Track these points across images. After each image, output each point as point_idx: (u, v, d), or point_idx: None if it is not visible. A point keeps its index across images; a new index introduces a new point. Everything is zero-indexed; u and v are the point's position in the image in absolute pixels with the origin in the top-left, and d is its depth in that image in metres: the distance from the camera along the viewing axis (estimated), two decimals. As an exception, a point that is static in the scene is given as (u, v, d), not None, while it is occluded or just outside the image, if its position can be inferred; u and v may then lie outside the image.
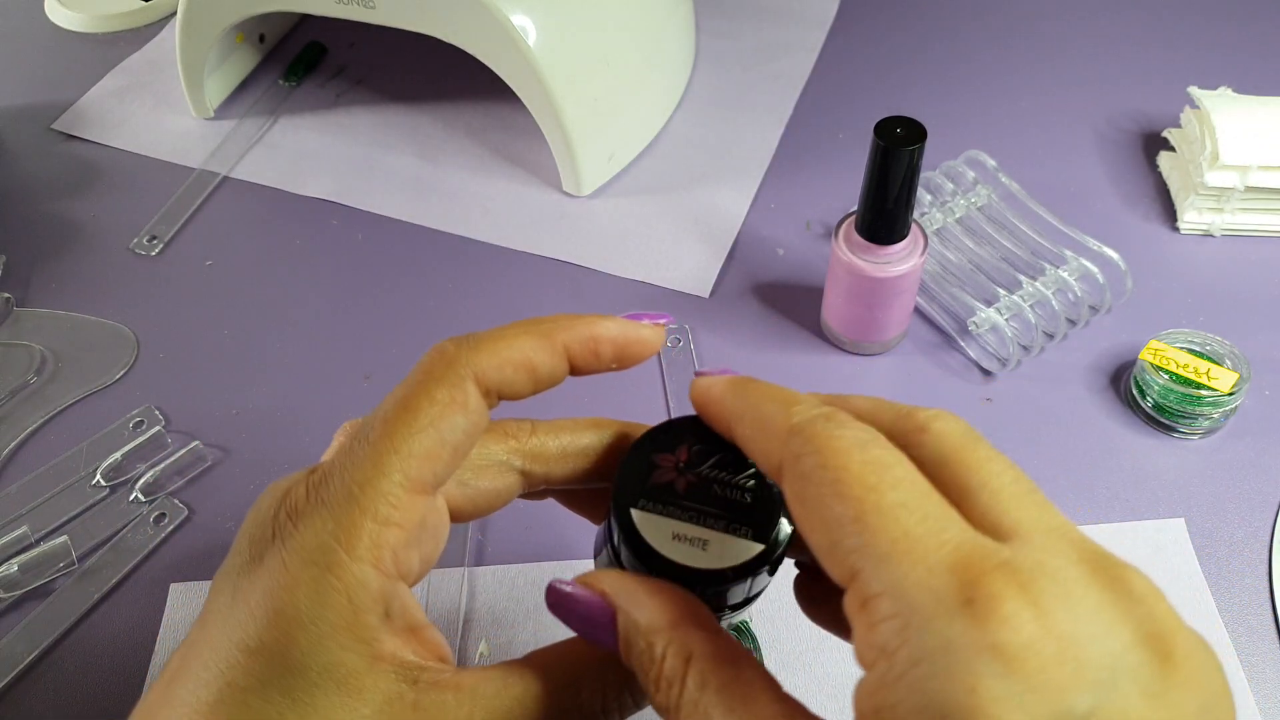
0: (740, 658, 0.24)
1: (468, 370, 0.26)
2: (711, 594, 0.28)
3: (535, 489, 0.30)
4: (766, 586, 0.29)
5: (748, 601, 0.30)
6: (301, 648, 0.23)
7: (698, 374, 0.29)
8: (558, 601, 0.26)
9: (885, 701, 0.19)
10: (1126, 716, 0.18)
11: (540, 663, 0.26)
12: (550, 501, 0.48)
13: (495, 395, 0.27)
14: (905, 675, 0.19)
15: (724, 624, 0.28)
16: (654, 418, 0.51)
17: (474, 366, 0.26)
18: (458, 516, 0.28)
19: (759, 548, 0.28)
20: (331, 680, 0.23)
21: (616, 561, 0.30)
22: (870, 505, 0.21)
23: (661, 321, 0.30)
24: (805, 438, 0.23)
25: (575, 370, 0.29)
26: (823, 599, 0.29)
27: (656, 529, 0.28)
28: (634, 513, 0.29)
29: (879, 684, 0.20)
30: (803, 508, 0.23)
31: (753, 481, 0.29)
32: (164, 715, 0.23)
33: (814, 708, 0.20)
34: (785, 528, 0.28)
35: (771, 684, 0.23)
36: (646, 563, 0.28)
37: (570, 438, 0.30)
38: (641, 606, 0.25)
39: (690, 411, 0.30)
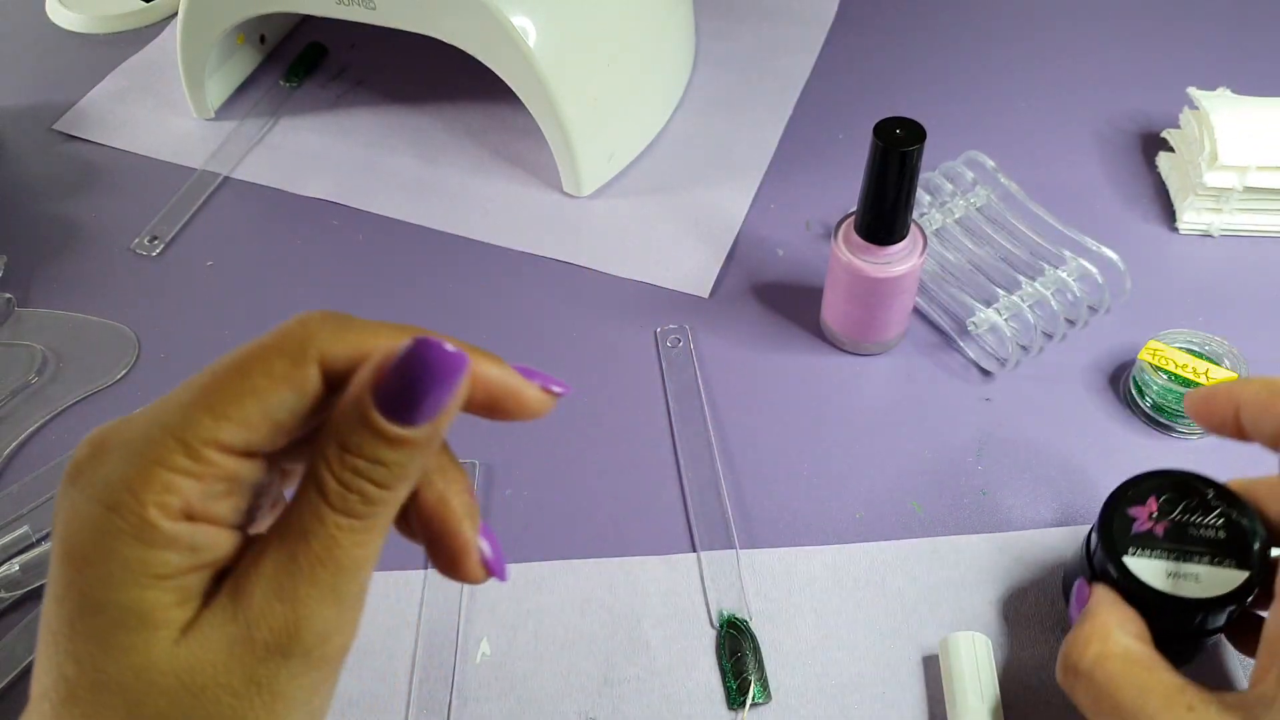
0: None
1: (316, 351, 0.24)
2: (1208, 619, 0.35)
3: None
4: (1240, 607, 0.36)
5: (1229, 622, 0.37)
6: (95, 587, 0.23)
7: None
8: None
9: None
10: None
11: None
12: (549, 501, 0.48)
13: (342, 382, 0.25)
14: None
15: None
16: (654, 418, 0.51)
17: (325, 350, 0.24)
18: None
19: (1245, 574, 0.35)
20: (132, 617, 0.23)
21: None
22: None
23: (557, 390, 0.29)
24: None
25: None
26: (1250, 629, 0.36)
27: (1151, 571, 0.35)
28: (1127, 560, 0.36)
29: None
30: None
31: (1222, 519, 0.36)
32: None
33: (814, 707, 0.21)
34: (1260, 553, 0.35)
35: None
36: (1152, 602, 0.35)
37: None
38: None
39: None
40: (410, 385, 0.24)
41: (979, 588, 0.44)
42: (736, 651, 0.42)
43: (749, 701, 0.40)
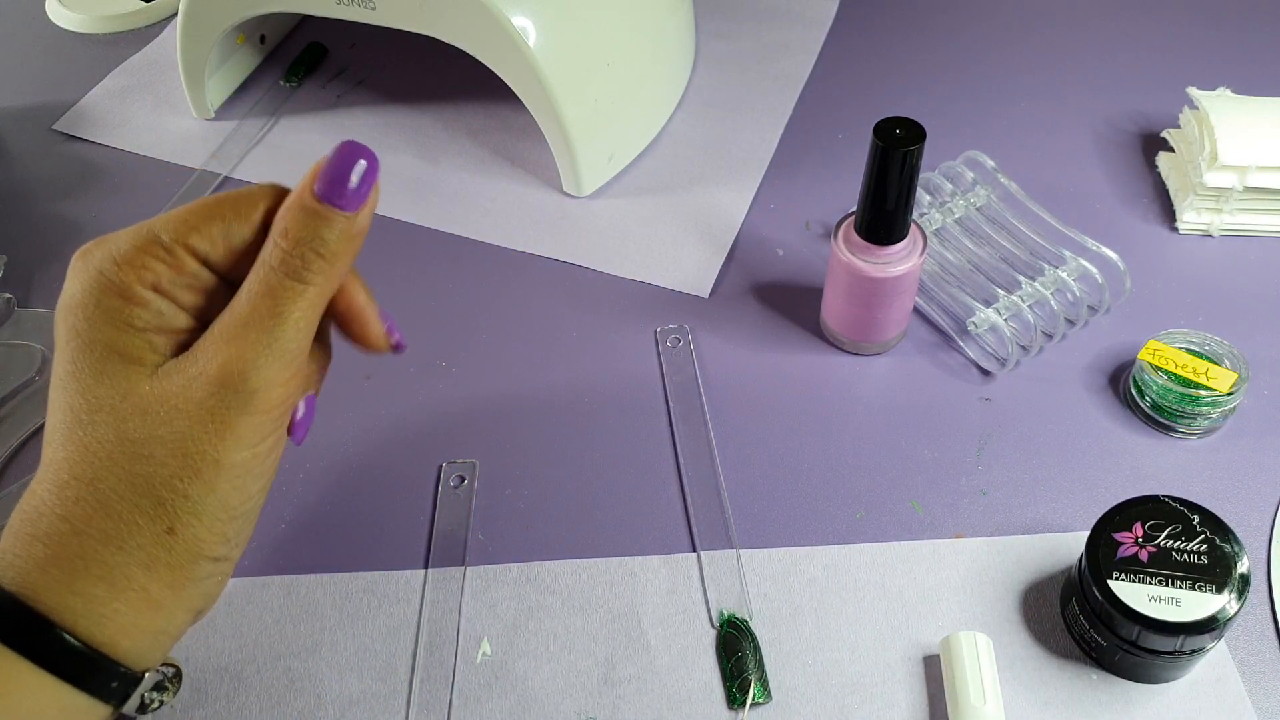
0: None
1: (264, 204, 0.33)
2: (1187, 641, 0.37)
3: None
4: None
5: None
6: (89, 329, 0.31)
7: None
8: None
9: None
10: None
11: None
12: (549, 502, 0.48)
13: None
14: None
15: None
16: (655, 418, 0.51)
17: (268, 205, 0.33)
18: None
19: (1224, 599, 0.38)
20: (115, 354, 0.31)
21: (1097, 621, 0.39)
22: None
23: (396, 338, 0.37)
24: None
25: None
26: None
27: (1133, 594, 0.38)
28: (1111, 583, 0.38)
29: None
30: None
31: (1205, 545, 0.39)
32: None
33: (814, 707, 0.21)
34: (1244, 575, 0.38)
35: None
36: (1134, 624, 0.37)
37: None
38: None
39: None
40: (341, 175, 0.32)
41: (979, 588, 0.44)
42: (736, 651, 0.42)
43: (749, 701, 0.40)
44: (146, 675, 0.34)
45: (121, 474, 0.32)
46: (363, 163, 0.32)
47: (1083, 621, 0.40)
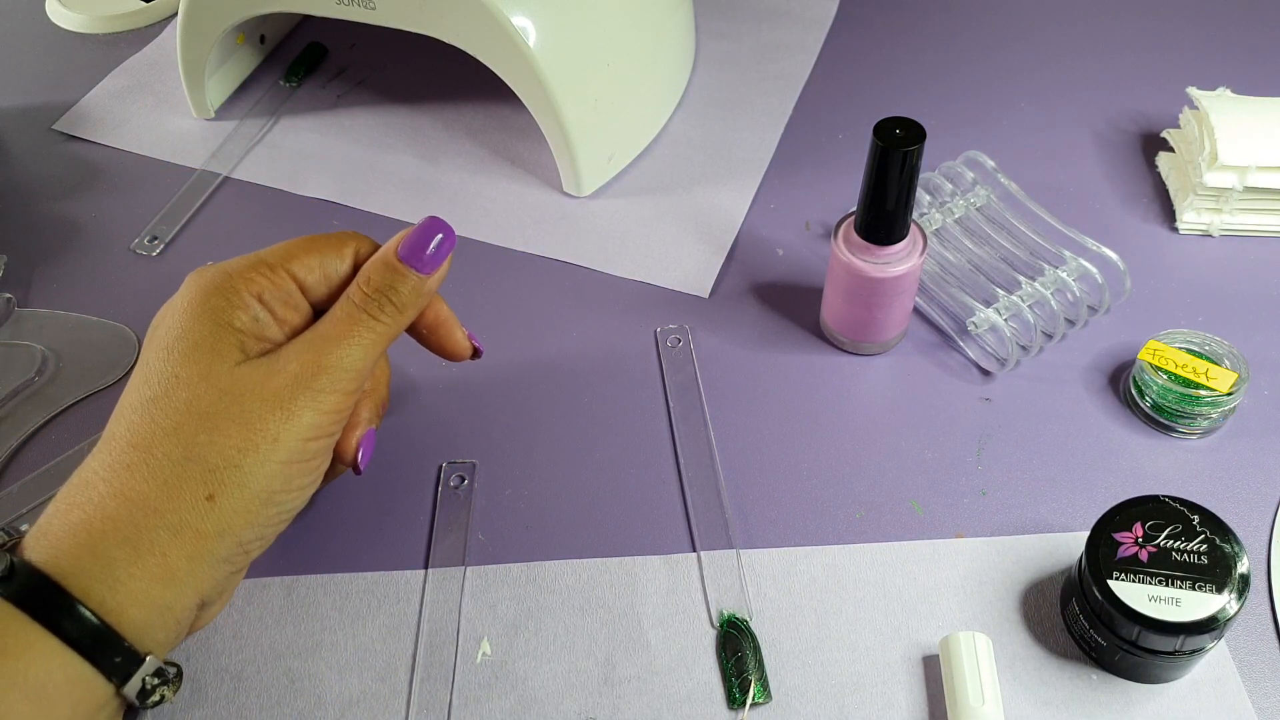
0: None
1: (354, 244, 0.41)
2: (1187, 641, 0.37)
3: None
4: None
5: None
6: (189, 323, 0.37)
7: None
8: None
9: None
10: None
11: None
12: (549, 502, 0.48)
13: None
14: None
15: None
16: (655, 417, 0.51)
17: (358, 246, 0.41)
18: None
19: (1224, 599, 0.38)
20: (207, 343, 0.37)
21: (1097, 621, 0.39)
22: None
23: (477, 345, 0.45)
24: None
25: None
26: None
27: (1133, 594, 0.38)
28: (1111, 583, 0.38)
29: None
30: None
31: (1205, 545, 0.39)
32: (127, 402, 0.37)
33: (814, 707, 0.21)
34: (1242, 576, 0.38)
35: None
36: (1134, 623, 0.37)
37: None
38: None
39: None
40: (421, 243, 0.40)
41: (979, 588, 0.44)
42: (736, 651, 0.42)
43: (749, 701, 0.40)
44: (149, 659, 0.35)
45: (182, 441, 0.35)
46: (440, 236, 0.40)
47: (1083, 621, 0.40)
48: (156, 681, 0.36)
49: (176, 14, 0.64)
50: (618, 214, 0.60)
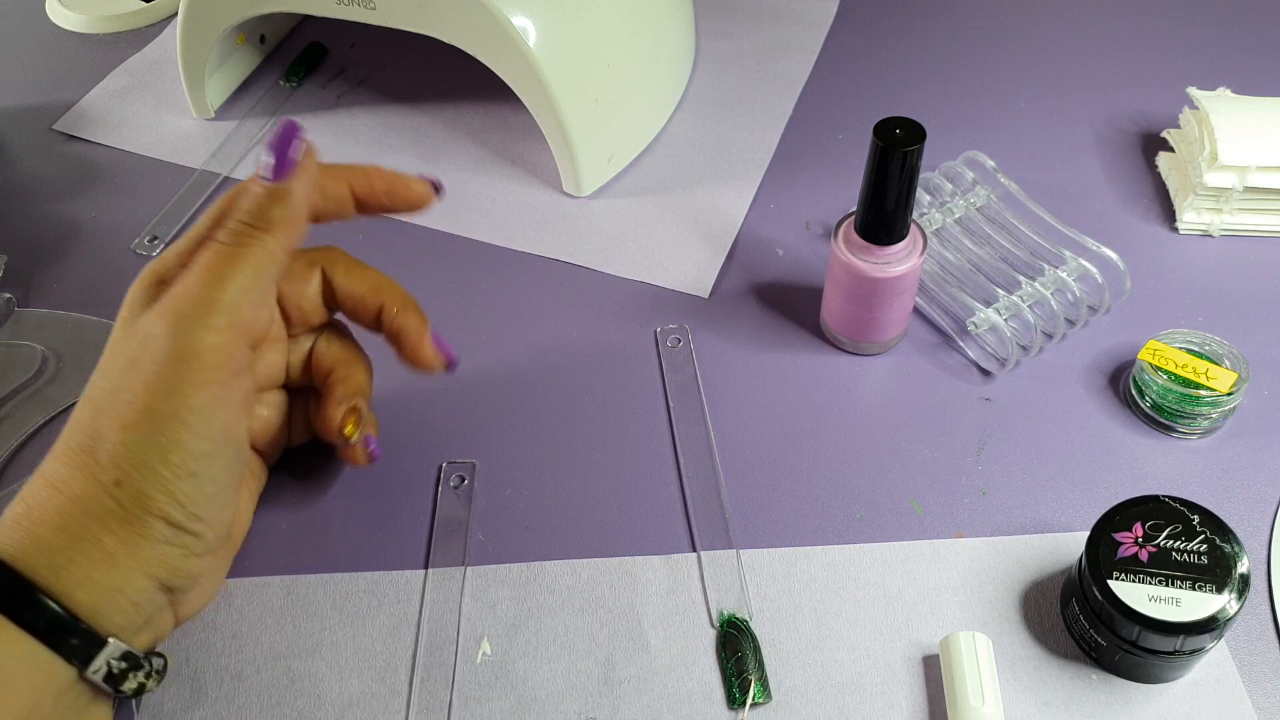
0: None
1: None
2: (1187, 641, 0.37)
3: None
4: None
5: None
6: (128, 315, 0.37)
7: None
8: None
9: None
10: None
11: None
12: (549, 502, 0.48)
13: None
14: None
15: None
16: (655, 417, 0.51)
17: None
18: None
19: (1224, 599, 0.38)
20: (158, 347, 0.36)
21: (1097, 621, 0.39)
22: None
23: (432, 178, 0.43)
24: None
25: (359, 201, 0.42)
26: None
27: (1133, 594, 0.38)
28: (1111, 583, 0.38)
29: None
30: None
31: (1205, 545, 0.39)
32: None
33: (814, 707, 0.21)
34: (1243, 577, 0.38)
35: None
36: (1134, 623, 0.37)
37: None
38: None
39: None
40: (272, 153, 0.38)
41: (979, 588, 0.44)
42: (736, 651, 0.42)
43: (749, 701, 0.40)
44: (111, 642, 0.35)
45: (87, 429, 0.35)
46: (287, 139, 0.38)
47: (1083, 621, 0.40)
48: (125, 665, 0.35)
49: (176, 14, 0.64)
50: (618, 214, 0.60)
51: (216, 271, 0.36)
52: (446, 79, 0.69)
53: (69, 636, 0.34)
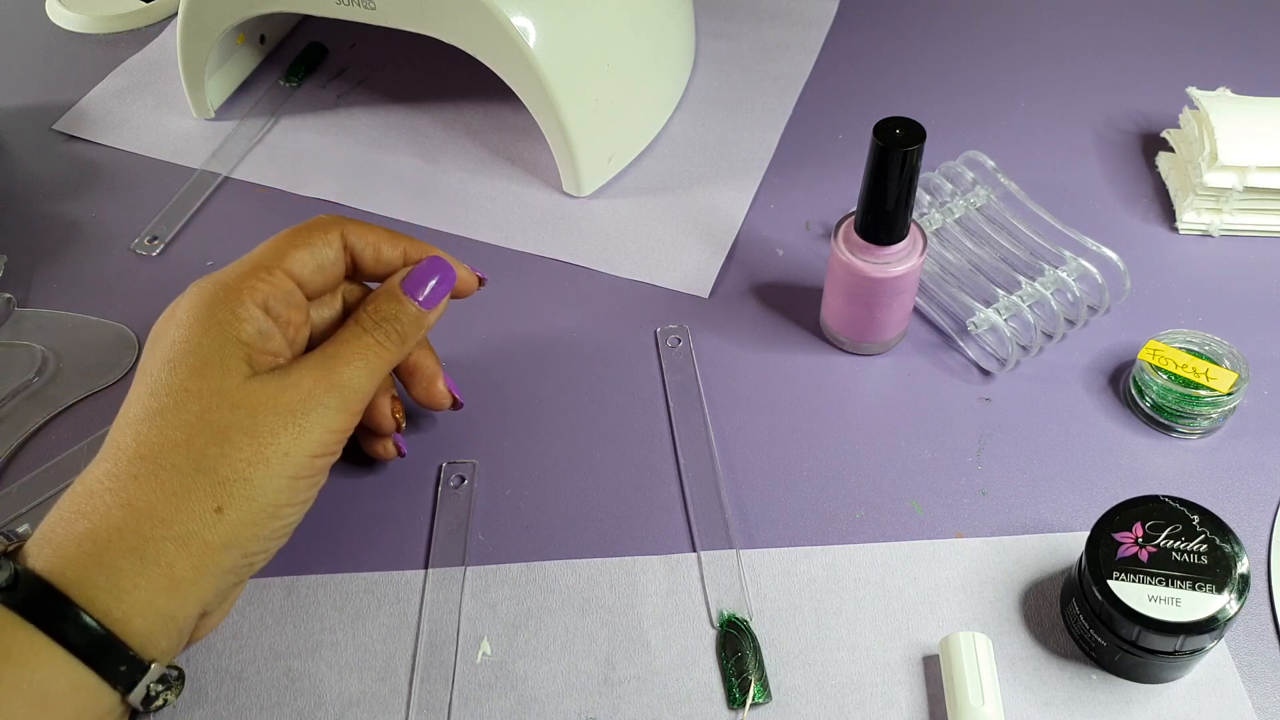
0: None
1: (339, 228, 0.42)
2: (1187, 641, 0.37)
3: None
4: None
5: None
6: (196, 337, 0.37)
7: None
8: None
9: None
10: None
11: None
12: (549, 501, 0.48)
13: (350, 253, 0.43)
14: None
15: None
16: (655, 417, 0.51)
17: (344, 229, 0.42)
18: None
19: (1224, 599, 0.38)
20: (215, 358, 0.37)
21: (1097, 621, 0.39)
22: None
23: (480, 274, 0.47)
24: None
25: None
26: None
27: (1133, 595, 0.38)
28: (1111, 583, 0.38)
29: None
30: None
31: (1205, 545, 0.39)
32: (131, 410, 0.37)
33: (814, 707, 0.21)
34: (1243, 577, 0.38)
35: None
36: (1133, 623, 0.37)
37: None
38: None
39: None
40: (421, 280, 0.43)
41: (979, 588, 0.44)
42: (736, 651, 0.42)
43: (749, 701, 0.40)
44: (153, 666, 0.35)
45: (192, 454, 0.36)
46: (438, 277, 0.43)
47: (1083, 621, 0.40)
48: (161, 688, 0.36)
49: (176, 14, 0.64)
50: (618, 214, 0.60)
51: (360, 357, 0.40)
52: (446, 79, 0.69)
53: (118, 663, 0.34)
